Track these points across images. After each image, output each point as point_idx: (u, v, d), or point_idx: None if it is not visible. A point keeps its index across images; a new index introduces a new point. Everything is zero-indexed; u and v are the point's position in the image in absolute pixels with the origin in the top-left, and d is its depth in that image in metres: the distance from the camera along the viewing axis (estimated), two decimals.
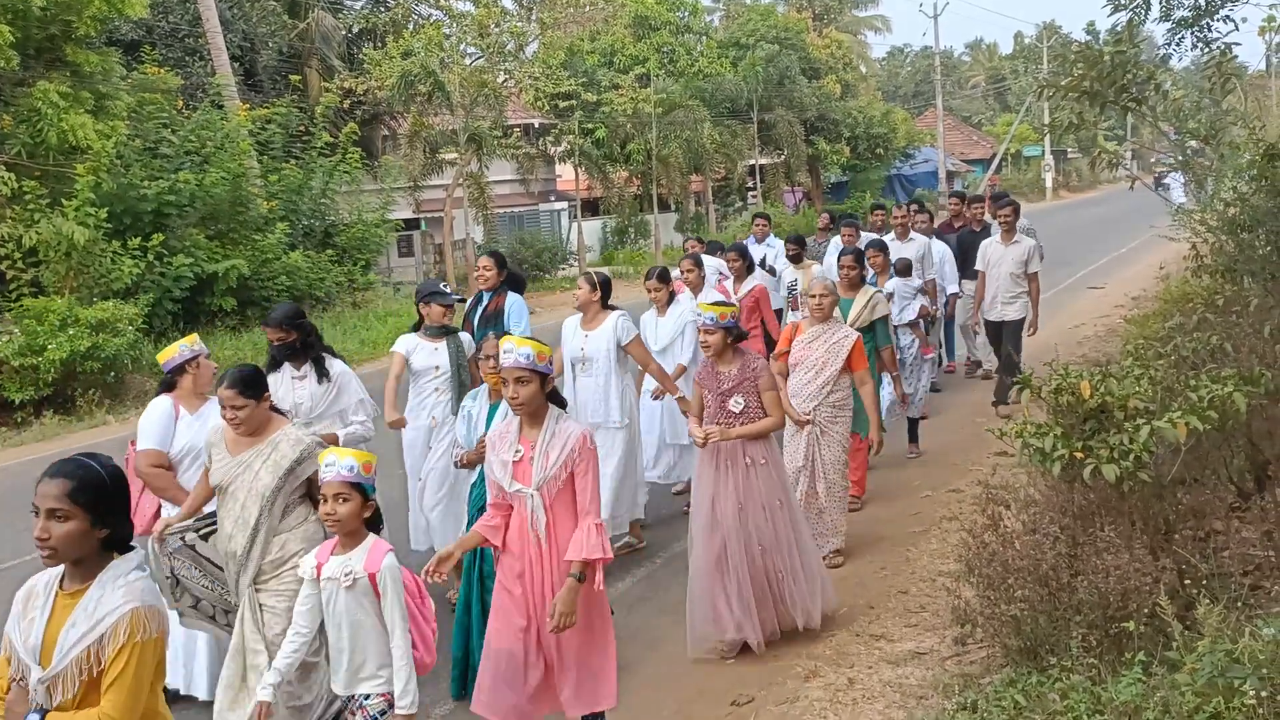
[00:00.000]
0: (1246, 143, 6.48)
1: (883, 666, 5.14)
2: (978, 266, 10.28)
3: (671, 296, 8.02)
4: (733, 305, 5.77)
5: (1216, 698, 3.37)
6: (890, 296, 8.74)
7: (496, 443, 4.34)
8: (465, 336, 6.98)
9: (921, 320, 9.84)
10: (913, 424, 9.22)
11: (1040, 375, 4.64)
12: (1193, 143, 7.58)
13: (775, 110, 36.43)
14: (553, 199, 34.85)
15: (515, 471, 4.24)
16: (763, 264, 10.72)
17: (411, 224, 28.68)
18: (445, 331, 6.76)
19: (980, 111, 74.46)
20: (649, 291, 8.06)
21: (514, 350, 4.17)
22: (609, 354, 6.96)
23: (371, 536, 3.84)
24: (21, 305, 13.81)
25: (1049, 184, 55.58)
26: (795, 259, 10.50)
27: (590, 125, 29.51)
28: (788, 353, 6.68)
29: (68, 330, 13.38)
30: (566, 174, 33.45)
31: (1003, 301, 9.96)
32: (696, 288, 8.30)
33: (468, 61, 26.34)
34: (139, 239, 15.66)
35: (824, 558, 6.26)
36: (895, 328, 8.59)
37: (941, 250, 10.92)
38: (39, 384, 13.28)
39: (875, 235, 11.23)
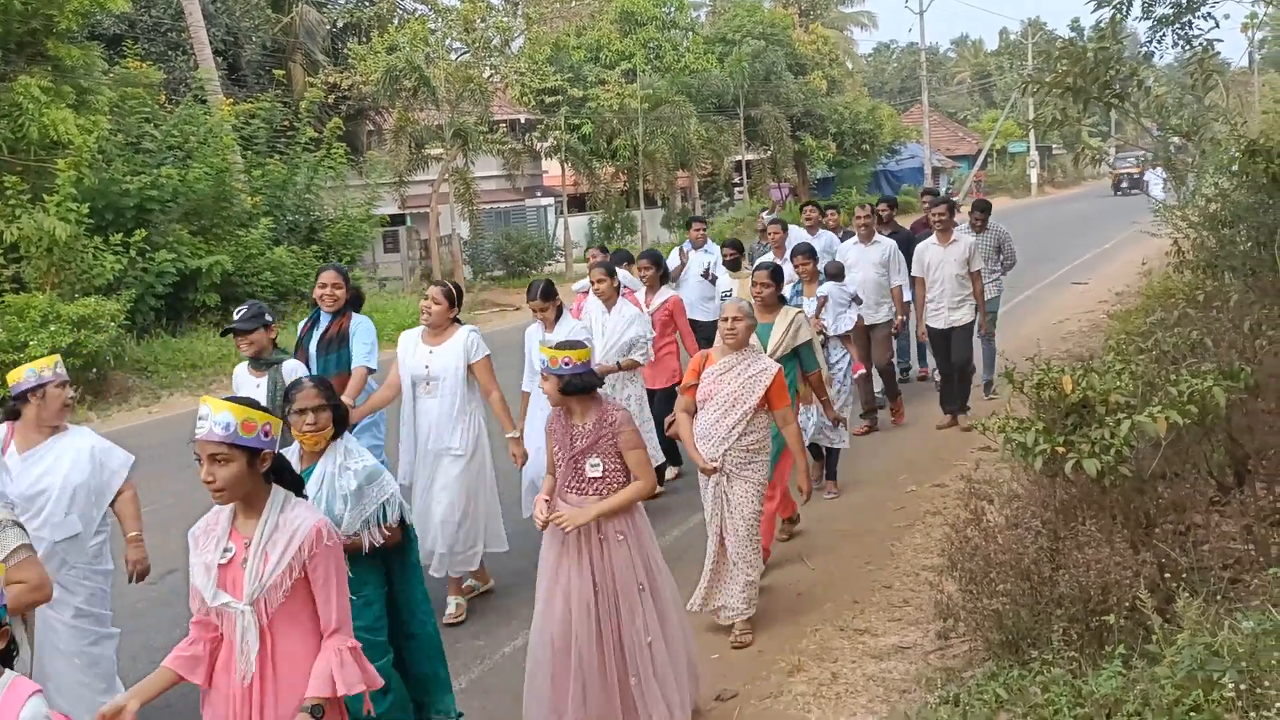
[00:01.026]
0: (1228, 139, 6.51)
1: (866, 661, 5.16)
2: (914, 272, 9.63)
3: (560, 312, 7.14)
4: (582, 348, 4.57)
5: (1196, 690, 3.39)
6: (823, 303, 8.12)
7: (200, 539, 3.31)
8: (292, 365, 5.84)
9: (890, 334, 9.65)
10: (832, 456, 8.07)
11: (1023, 370, 4.66)
12: (1175, 139, 7.61)
13: (762, 106, 36.47)
14: (539, 195, 34.80)
15: (222, 578, 3.22)
16: (706, 274, 9.99)
17: (397, 220, 28.60)
18: (268, 363, 5.81)
19: (966, 108, 74.67)
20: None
21: (209, 417, 3.12)
22: (457, 373, 6.08)
23: (9, 674, 2.68)
24: (3, 301, 13.71)
25: (1034, 180, 55.75)
26: (732, 265, 9.57)
27: (576, 121, 29.47)
28: (695, 386, 5.67)
29: (49, 326, 13.28)
30: (553, 170, 33.41)
31: (949, 306, 9.35)
32: (609, 300, 7.57)
33: (453, 57, 26.29)
34: (121, 235, 15.55)
35: (731, 634, 5.64)
36: (827, 339, 7.93)
37: (890, 248, 9.93)
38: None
39: (804, 235, 10.70)
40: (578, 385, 4.49)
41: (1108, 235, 25.94)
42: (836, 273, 8.59)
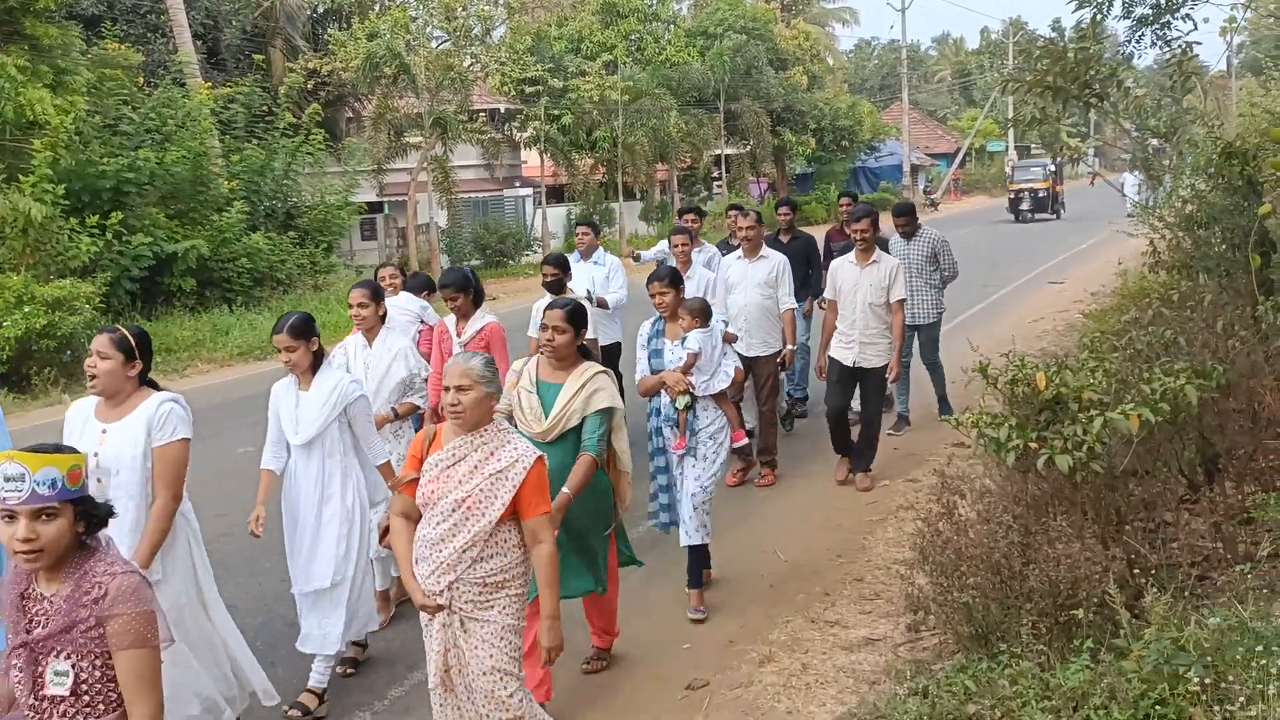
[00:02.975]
0: (1205, 141, 6.57)
1: (836, 652, 5.19)
2: (826, 294, 8.09)
3: (318, 359, 5.22)
4: (76, 455, 2.71)
5: (1162, 684, 3.43)
6: (693, 360, 5.83)
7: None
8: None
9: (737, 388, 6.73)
10: (696, 558, 5.88)
11: (997, 366, 4.69)
12: (1153, 140, 7.68)
13: (742, 100, 36.49)
14: (518, 185, 34.69)
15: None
16: (588, 296, 8.18)
17: (375, 207, 28.47)
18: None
19: (946, 106, 74.99)
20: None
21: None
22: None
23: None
24: None
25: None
26: (555, 288, 7.68)
27: (556, 111, 29.40)
28: (416, 481, 3.94)
29: (23, 307, 13.19)
30: (532, 160, 33.31)
31: (861, 339, 7.67)
32: (370, 331, 5.89)
33: (434, 44, 26.16)
34: (97, 217, 15.44)
35: None
36: (695, 401, 5.82)
37: (779, 264, 8.10)
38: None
39: (728, 243, 9.34)
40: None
41: (1085, 236, 26.14)
42: (701, 311, 6.00)
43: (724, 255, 8.94)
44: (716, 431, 5.88)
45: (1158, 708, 3.41)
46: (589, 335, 6.72)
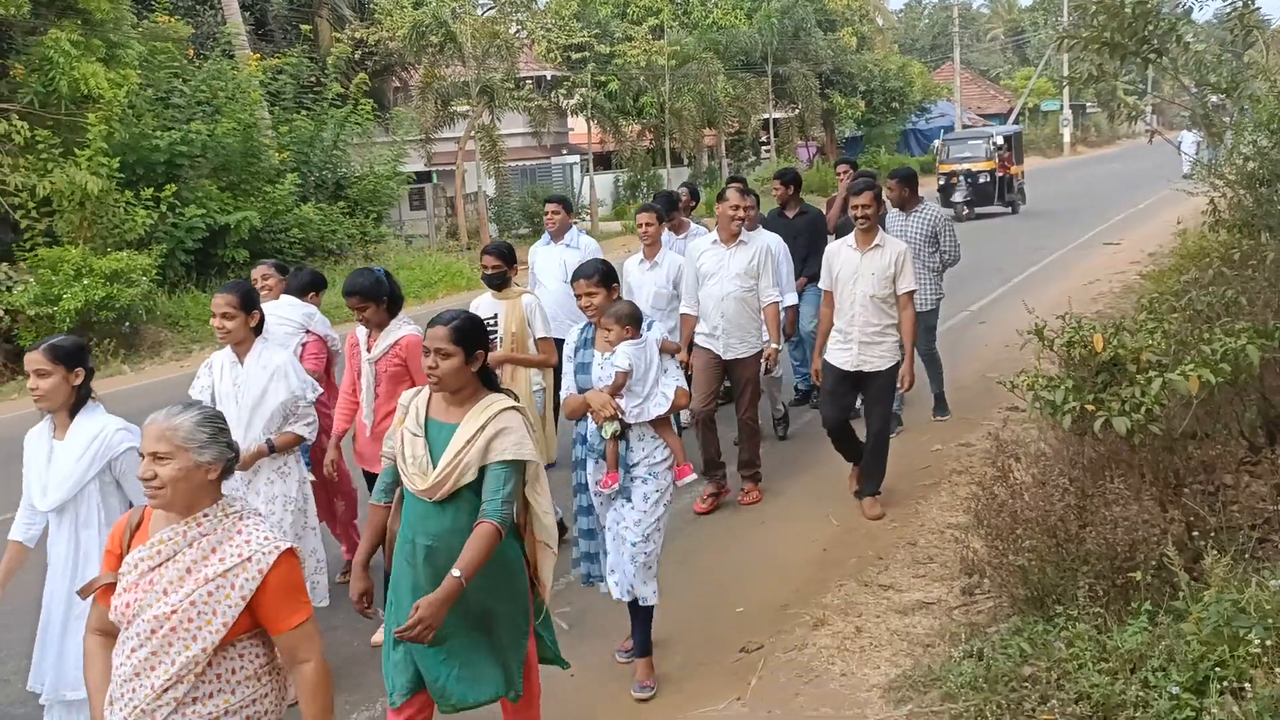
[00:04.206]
0: (1268, 96, 6.40)
1: (890, 616, 5.20)
2: (821, 284, 6.85)
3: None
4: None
5: (1221, 646, 3.41)
6: (623, 381, 4.72)
7: None
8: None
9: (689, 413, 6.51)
10: (641, 620, 4.88)
11: (1053, 328, 4.64)
12: (1213, 96, 7.49)
13: (790, 63, 36.06)
14: (565, 152, 34.66)
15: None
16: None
17: (423, 177, 28.59)
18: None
19: (998, 65, 73.58)
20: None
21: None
22: None
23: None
24: (36, 255, 13.90)
25: (1067, 139, 55.07)
26: (495, 282, 6.45)
27: (603, 78, 29.26)
28: (113, 585, 2.84)
29: (82, 280, 13.47)
30: (579, 127, 33.25)
31: (860, 339, 6.51)
32: (241, 345, 4.82)
33: (480, 12, 26.11)
34: (152, 190, 15.67)
35: None
36: (627, 429, 4.74)
37: (760, 251, 6.86)
38: (54, 333, 13.35)
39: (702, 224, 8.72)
40: None
41: (1142, 195, 25.63)
42: (630, 318, 4.78)
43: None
44: (655, 466, 4.75)
45: (1217, 669, 3.39)
46: (543, 335, 6.37)
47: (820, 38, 37.42)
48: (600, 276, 4.84)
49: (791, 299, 7.54)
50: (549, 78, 31.83)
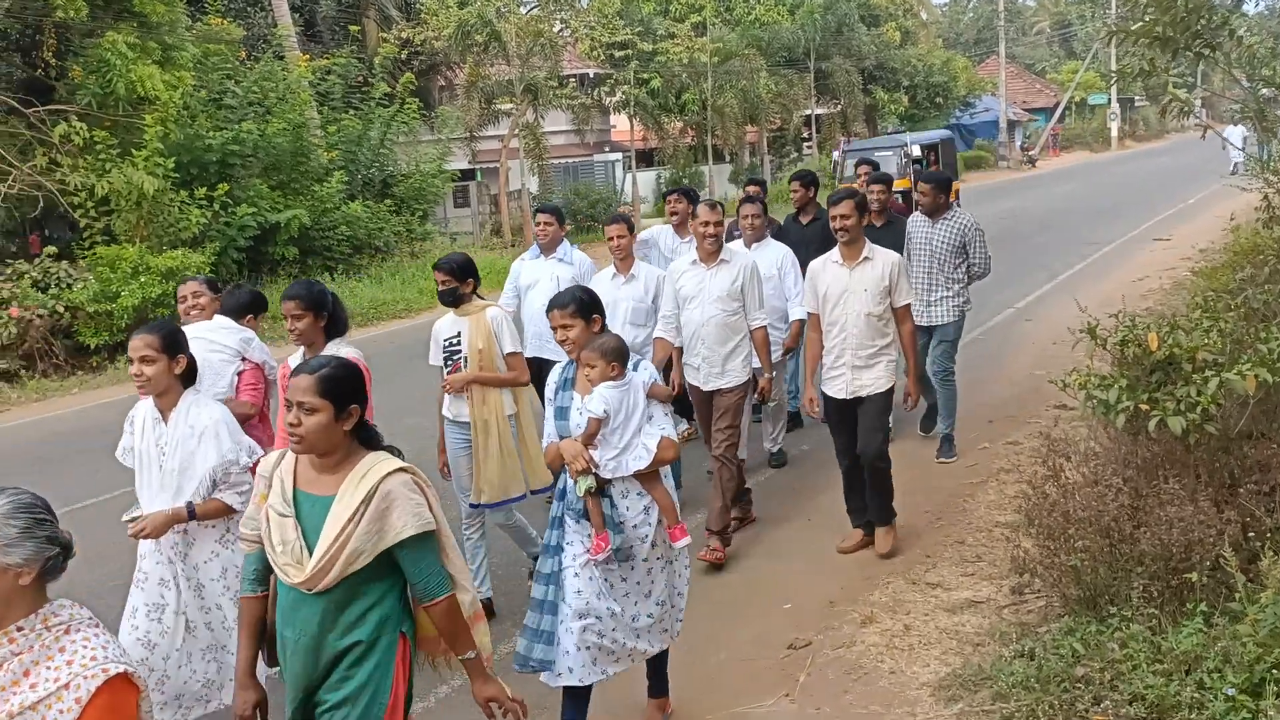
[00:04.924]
0: None
1: (939, 614, 5.21)
2: (806, 306, 6.24)
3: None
4: None
5: (1278, 648, 3.40)
6: (597, 429, 4.09)
7: None
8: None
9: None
10: (659, 670, 4.54)
11: (1106, 326, 4.63)
12: (1265, 90, 7.40)
13: (833, 59, 35.90)
14: (607, 150, 34.73)
15: None
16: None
17: (467, 174, 28.79)
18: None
19: (1044, 59, 72.61)
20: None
21: None
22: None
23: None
24: (95, 253, 14.22)
25: (1114, 133, 54.31)
26: (448, 299, 5.59)
27: (645, 75, 29.29)
28: None
29: (139, 277, 13.76)
30: (621, 124, 33.29)
31: (853, 363, 5.90)
32: (165, 396, 4.09)
33: (524, 10, 26.25)
34: (205, 189, 15.95)
35: None
36: (608, 484, 4.10)
37: (744, 271, 6.16)
38: (113, 329, 13.71)
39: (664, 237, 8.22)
40: None
41: (1192, 190, 25.25)
42: (615, 354, 4.12)
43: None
44: (643, 526, 4.11)
45: (1274, 671, 3.38)
46: (512, 349, 5.52)
47: (863, 33, 37.20)
48: (578, 306, 4.16)
49: (800, 312, 7.03)
50: (592, 75, 31.92)
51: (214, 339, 5.18)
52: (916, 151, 21.09)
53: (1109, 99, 54.63)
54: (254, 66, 19.36)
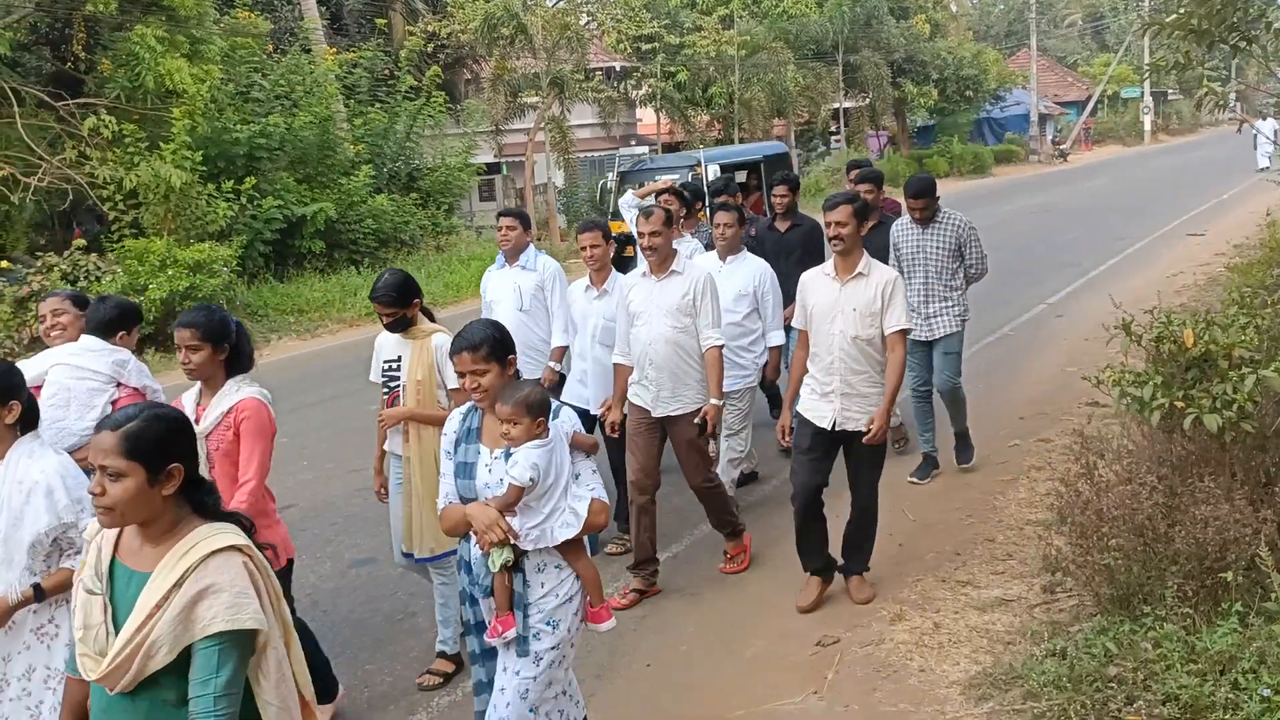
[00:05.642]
0: None
1: (969, 612, 5.15)
2: (795, 322, 5.59)
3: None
4: None
5: None
6: (519, 492, 3.46)
7: None
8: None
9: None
10: None
11: (1140, 323, 4.56)
12: None
13: (861, 52, 35.66)
14: (634, 143, 34.64)
15: None
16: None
17: (493, 168, 28.84)
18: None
19: (1076, 51, 71.89)
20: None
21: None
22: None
23: None
24: (123, 246, 14.32)
25: (1147, 127, 53.77)
26: (396, 329, 4.96)
27: (672, 68, 29.21)
28: None
29: (167, 270, 13.84)
30: (648, 118, 33.26)
31: (844, 391, 5.25)
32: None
33: (550, 3, 26.24)
34: (232, 182, 16.03)
35: None
36: (523, 556, 3.53)
37: (697, 285, 5.58)
38: (141, 322, 13.77)
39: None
40: None
41: (1226, 185, 24.95)
42: (538, 407, 3.50)
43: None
44: (558, 610, 3.53)
45: None
46: (456, 385, 4.21)
47: (892, 25, 36.92)
48: (490, 348, 3.51)
49: (778, 337, 6.57)
50: (618, 69, 31.87)
51: (80, 363, 4.42)
52: (714, 171, 16.46)
53: (1142, 92, 54.06)
54: (281, 60, 19.47)
